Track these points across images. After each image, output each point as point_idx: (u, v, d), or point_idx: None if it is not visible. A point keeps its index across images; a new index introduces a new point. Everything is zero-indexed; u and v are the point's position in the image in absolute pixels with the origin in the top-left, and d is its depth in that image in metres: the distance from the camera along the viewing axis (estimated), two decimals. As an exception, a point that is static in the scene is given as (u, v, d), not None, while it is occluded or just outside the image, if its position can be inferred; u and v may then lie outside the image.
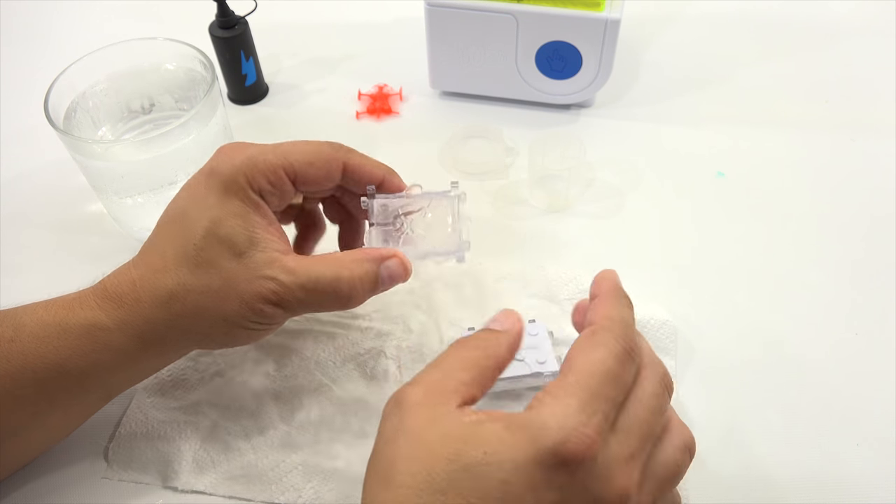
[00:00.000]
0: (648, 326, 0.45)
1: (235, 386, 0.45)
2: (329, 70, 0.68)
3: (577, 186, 0.56)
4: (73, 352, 0.37)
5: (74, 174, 0.53)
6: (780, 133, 0.60)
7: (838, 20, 0.71)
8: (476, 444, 0.29)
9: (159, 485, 0.41)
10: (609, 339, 0.32)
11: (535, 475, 0.28)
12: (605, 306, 0.34)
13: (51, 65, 0.51)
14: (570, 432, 0.28)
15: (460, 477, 0.28)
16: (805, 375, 0.45)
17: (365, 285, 0.38)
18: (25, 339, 0.36)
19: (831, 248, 0.52)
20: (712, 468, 0.41)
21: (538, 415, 0.29)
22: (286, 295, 0.37)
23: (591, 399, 0.30)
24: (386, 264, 0.39)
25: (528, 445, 0.28)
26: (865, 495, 0.40)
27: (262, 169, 0.38)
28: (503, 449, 0.29)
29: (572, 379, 0.30)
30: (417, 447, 0.29)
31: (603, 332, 0.32)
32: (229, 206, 0.38)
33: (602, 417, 0.29)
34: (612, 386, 0.30)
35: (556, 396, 0.30)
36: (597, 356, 0.31)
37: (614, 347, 0.31)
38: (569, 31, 0.56)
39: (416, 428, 0.30)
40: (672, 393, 0.34)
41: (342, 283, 0.38)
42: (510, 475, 0.28)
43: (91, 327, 0.37)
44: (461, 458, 0.29)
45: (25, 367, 0.36)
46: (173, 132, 0.47)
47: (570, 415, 0.29)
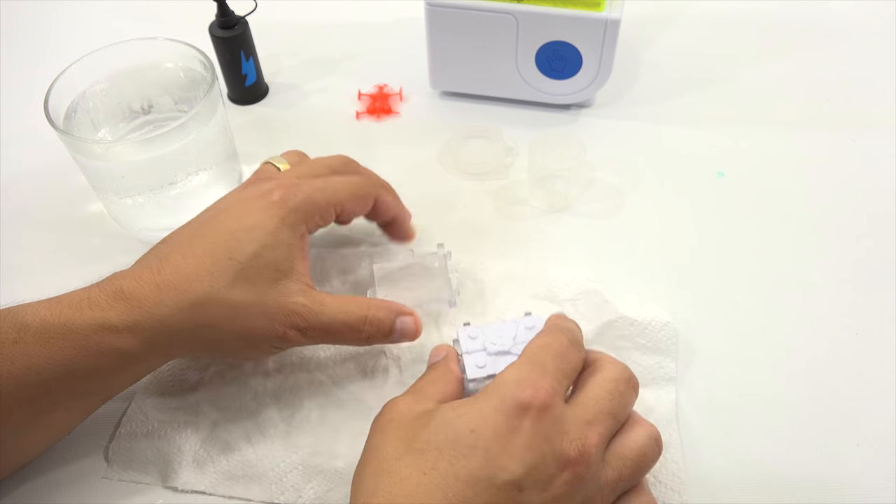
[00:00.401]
0: (650, 328, 0.45)
1: (235, 386, 0.45)
2: (329, 70, 0.68)
3: (577, 186, 0.56)
4: (79, 352, 0.36)
5: (74, 174, 0.53)
6: (780, 133, 0.60)
7: (838, 20, 0.71)
8: (447, 406, 0.34)
9: (159, 485, 0.41)
10: (554, 331, 0.38)
11: (498, 421, 0.32)
12: (552, 318, 0.40)
13: (51, 65, 0.51)
14: (525, 383, 0.34)
15: (433, 433, 0.33)
16: (805, 375, 0.45)
17: (382, 331, 0.42)
18: (29, 339, 0.36)
19: (831, 247, 0.52)
20: (712, 468, 0.41)
21: (497, 379, 0.35)
22: (314, 323, 0.40)
23: (542, 365, 0.35)
24: (402, 318, 0.42)
25: (493, 398, 0.33)
26: (865, 495, 0.40)
27: (318, 208, 0.43)
28: (468, 404, 0.34)
29: (525, 356, 0.36)
30: (403, 427, 0.34)
31: (550, 328, 0.39)
32: (282, 235, 0.41)
33: (553, 379, 0.34)
34: (559, 360, 0.36)
35: (511, 365, 0.36)
36: (543, 340, 0.37)
37: (558, 336, 0.38)
38: (569, 31, 0.56)
39: (403, 415, 0.35)
40: (637, 392, 0.38)
41: (367, 325, 0.41)
42: (476, 423, 0.32)
43: (99, 328, 0.37)
44: (434, 419, 0.34)
45: (29, 368, 0.36)
46: (173, 132, 0.47)
47: (524, 373, 0.34)
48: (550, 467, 0.32)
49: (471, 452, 0.32)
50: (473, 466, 0.31)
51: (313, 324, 0.40)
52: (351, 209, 0.45)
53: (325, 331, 0.40)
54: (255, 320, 0.39)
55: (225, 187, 0.55)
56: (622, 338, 0.46)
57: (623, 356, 0.45)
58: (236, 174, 0.56)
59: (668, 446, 0.41)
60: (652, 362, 0.45)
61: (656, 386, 0.44)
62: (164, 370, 0.45)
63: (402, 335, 0.42)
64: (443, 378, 0.38)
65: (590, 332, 0.46)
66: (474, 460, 0.32)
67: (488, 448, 0.32)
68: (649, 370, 0.45)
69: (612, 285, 0.48)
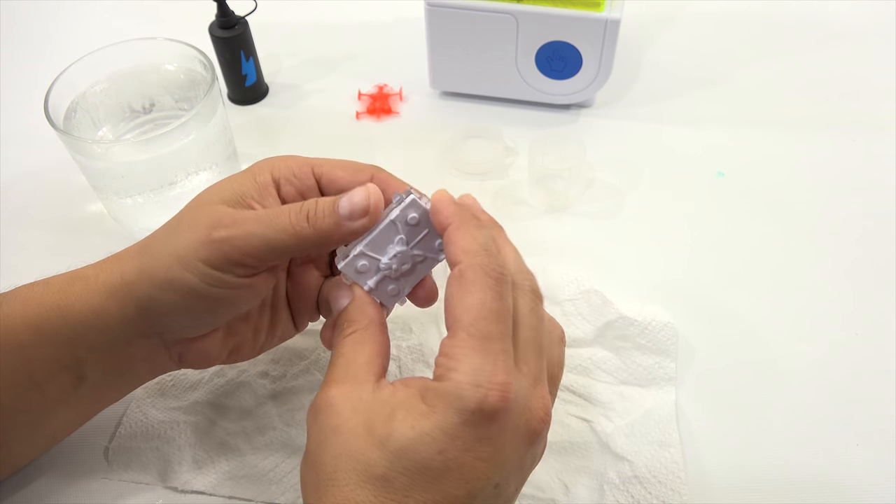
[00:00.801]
0: (650, 328, 0.45)
1: (235, 386, 0.45)
2: (329, 70, 0.68)
3: (577, 186, 0.56)
4: (51, 309, 0.36)
5: (74, 174, 0.53)
6: (780, 133, 0.60)
7: (838, 20, 0.71)
8: (401, 420, 0.30)
9: (159, 485, 0.41)
10: (478, 275, 0.32)
11: (467, 437, 0.30)
12: (459, 239, 0.33)
13: (51, 65, 0.51)
14: (487, 388, 0.30)
15: (398, 458, 0.29)
16: (805, 375, 0.45)
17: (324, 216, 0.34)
18: (13, 301, 0.36)
19: (831, 247, 0.52)
20: (712, 468, 0.41)
21: (450, 381, 0.30)
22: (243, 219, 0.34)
23: (487, 344, 0.30)
24: (347, 194, 0.35)
25: (452, 413, 0.30)
26: (865, 495, 0.40)
27: (288, 163, 0.38)
28: (427, 420, 0.30)
29: (463, 334, 0.31)
30: (349, 441, 0.30)
31: (469, 270, 0.32)
32: (235, 177, 0.38)
33: (504, 357, 0.31)
34: (499, 321, 0.31)
35: (456, 359, 0.30)
36: (474, 300, 0.31)
37: (486, 281, 0.31)
38: (569, 31, 0.56)
39: (342, 423, 0.31)
40: (542, 301, 0.34)
41: (299, 207, 0.35)
42: (444, 444, 0.29)
43: (72, 278, 0.37)
44: (392, 439, 0.30)
45: (7, 329, 0.35)
46: (173, 132, 0.47)
47: (478, 370, 0.30)
48: (521, 450, 0.31)
49: (444, 475, 0.29)
50: (450, 487, 0.30)
51: (239, 220, 0.34)
52: (333, 172, 0.39)
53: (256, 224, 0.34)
54: (182, 234, 0.35)
55: (225, 187, 0.55)
56: (622, 338, 0.46)
57: (623, 356, 0.45)
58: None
59: (668, 446, 0.41)
60: (652, 362, 0.45)
61: (656, 386, 0.44)
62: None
63: (353, 209, 0.34)
64: (364, 341, 0.34)
65: (590, 332, 0.46)
66: (450, 482, 0.30)
67: (462, 465, 0.30)
68: (649, 370, 0.45)
69: (612, 285, 0.48)
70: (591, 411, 0.43)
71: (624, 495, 0.40)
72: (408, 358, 0.46)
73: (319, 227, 0.34)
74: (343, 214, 0.34)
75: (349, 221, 0.34)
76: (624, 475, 0.40)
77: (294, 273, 0.41)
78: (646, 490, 0.40)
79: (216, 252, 0.34)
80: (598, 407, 0.44)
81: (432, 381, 0.31)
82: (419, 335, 0.47)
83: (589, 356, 0.45)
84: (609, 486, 0.40)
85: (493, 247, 0.33)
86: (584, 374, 0.45)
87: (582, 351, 0.46)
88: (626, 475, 0.40)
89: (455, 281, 0.32)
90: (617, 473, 0.40)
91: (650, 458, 0.41)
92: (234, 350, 0.40)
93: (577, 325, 0.46)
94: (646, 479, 0.40)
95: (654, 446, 0.41)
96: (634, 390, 0.44)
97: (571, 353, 0.46)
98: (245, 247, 0.34)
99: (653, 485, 0.40)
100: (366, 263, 0.36)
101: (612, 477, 0.40)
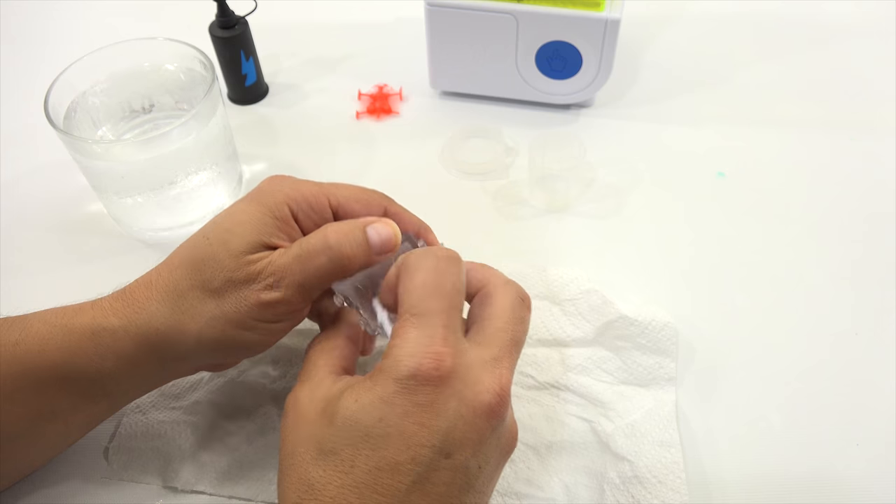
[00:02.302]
0: (650, 328, 0.45)
1: (235, 386, 0.45)
2: (329, 70, 0.68)
3: (577, 186, 0.56)
4: (76, 354, 0.36)
5: (74, 174, 0.53)
6: (780, 133, 0.60)
7: (838, 20, 0.71)
8: (347, 397, 0.32)
9: (159, 485, 0.41)
10: (417, 257, 0.34)
11: (404, 402, 0.31)
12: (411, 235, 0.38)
13: (51, 65, 0.51)
14: (420, 356, 0.31)
15: (343, 431, 0.31)
16: (805, 375, 0.45)
17: (355, 247, 0.37)
18: (30, 340, 0.36)
19: (831, 247, 0.52)
20: (712, 468, 0.41)
21: (389, 354, 0.32)
22: (282, 271, 0.36)
23: (426, 320, 0.32)
24: (374, 226, 0.37)
25: (390, 380, 0.31)
26: (865, 495, 0.40)
27: (304, 193, 0.39)
28: (370, 391, 0.32)
29: (406, 315, 0.33)
30: (304, 427, 0.33)
31: (410, 256, 0.35)
32: (255, 213, 0.38)
33: (444, 330, 0.32)
34: (440, 297, 0.33)
35: (398, 336, 0.32)
36: (415, 281, 0.33)
37: (426, 264, 0.34)
38: (569, 31, 0.56)
39: (301, 414, 0.33)
40: (529, 304, 0.37)
41: (332, 244, 0.37)
42: (383, 410, 0.31)
43: (98, 328, 0.36)
44: (338, 415, 0.32)
45: (26, 369, 0.36)
46: (173, 132, 0.47)
47: (413, 341, 0.32)
48: (474, 423, 0.32)
49: (385, 441, 0.31)
50: (392, 453, 0.30)
51: (282, 272, 0.36)
52: (349, 206, 0.40)
53: (298, 274, 0.36)
54: (225, 295, 0.36)
55: (225, 187, 0.55)
56: (622, 338, 0.46)
57: (623, 356, 0.45)
58: (236, 174, 0.56)
59: (668, 446, 0.41)
60: (652, 362, 0.45)
61: (656, 386, 0.44)
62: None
63: (383, 243, 0.37)
64: (329, 345, 0.37)
65: (590, 332, 0.46)
66: (392, 447, 0.31)
67: (402, 431, 0.31)
68: (649, 370, 0.45)
69: (612, 285, 0.48)
70: (591, 411, 0.43)
71: (624, 495, 0.40)
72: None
73: (353, 259, 0.37)
74: (374, 249, 0.37)
75: (377, 256, 0.37)
76: (624, 475, 0.40)
77: None
78: (646, 490, 0.40)
79: (270, 311, 0.37)
80: (598, 407, 0.44)
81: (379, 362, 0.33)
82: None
83: (589, 356, 0.45)
84: (609, 486, 0.40)
85: (451, 257, 0.35)
86: (584, 374, 0.45)
87: (582, 351, 0.46)
88: (627, 475, 0.40)
89: (402, 270, 0.34)
90: (617, 473, 0.40)
91: (650, 458, 0.41)
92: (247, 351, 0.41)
93: (577, 325, 0.46)
94: (646, 479, 0.40)
95: (655, 446, 0.41)
96: (635, 390, 0.44)
97: (572, 353, 0.46)
98: (295, 301, 0.37)
99: (653, 485, 0.40)
100: (361, 289, 0.38)
101: (613, 477, 0.40)
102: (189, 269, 0.37)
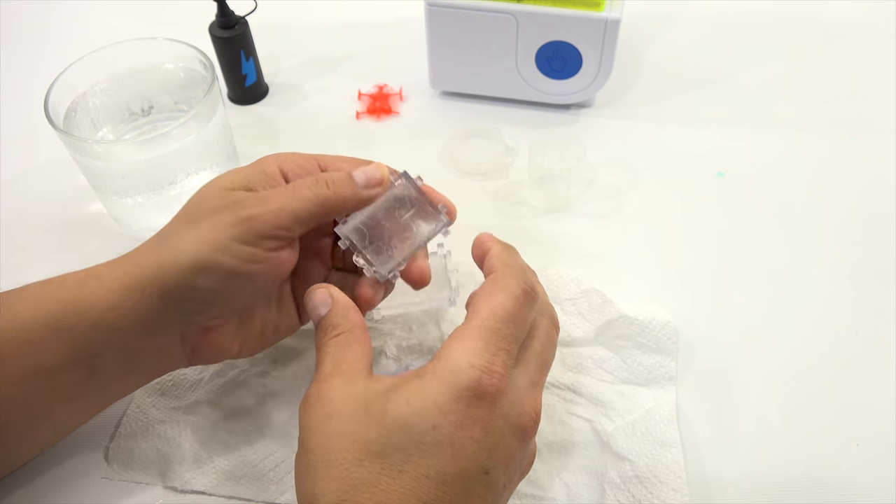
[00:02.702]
0: (650, 327, 0.45)
1: (235, 386, 0.45)
2: (329, 70, 0.68)
3: (577, 186, 0.56)
4: (65, 303, 0.36)
5: (74, 174, 0.53)
6: (780, 133, 0.60)
7: (838, 20, 0.71)
8: (397, 398, 0.32)
9: (159, 485, 0.41)
10: (510, 283, 0.35)
11: (459, 414, 0.31)
12: (501, 255, 0.37)
13: (51, 65, 0.51)
14: (482, 370, 0.32)
15: (393, 433, 0.31)
16: (805, 375, 0.45)
17: (339, 181, 0.38)
18: (25, 298, 0.37)
19: (831, 247, 0.52)
20: (712, 468, 0.41)
21: (448, 359, 0.32)
22: (264, 197, 0.37)
23: (495, 338, 0.33)
24: (360, 167, 0.39)
25: (447, 388, 0.31)
26: (865, 495, 0.40)
27: (295, 158, 0.41)
28: (424, 395, 0.31)
29: (476, 322, 0.33)
30: (343, 424, 0.32)
31: (504, 277, 0.35)
32: (247, 169, 0.40)
33: (506, 355, 0.33)
34: (513, 326, 0.34)
35: (462, 340, 0.33)
36: (499, 300, 0.34)
37: (515, 290, 0.35)
38: (569, 31, 0.56)
39: (336, 409, 0.32)
40: (559, 331, 0.38)
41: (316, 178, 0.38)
42: (437, 419, 0.31)
43: (86, 276, 0.37)
44: (389, 415, 0.31)
45: (15, 322, 0.36)
46: (173, 132, 0.47)
47: (478, 354, 0.32)
48: (511, 443, 0.32)
49: (437, 450, 0.31)
50: (442, 463, 0.31)
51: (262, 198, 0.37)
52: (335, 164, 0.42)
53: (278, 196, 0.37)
54: (203, 220, 0.37)
55: (225, 187, 0.55)
56: (622, 337, 0.46)
57: (623, 355, 0.45)
58: (236, 174, 0.56)
59: (669, 446, 0.41)
60: (652, 361, 0.45)
61: (657, 385, 0.44)
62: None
63: (368, 178, 0.39)
64: (349, 342, 0.35)
65: (590, 332, 0.46)
66: (442, 457, 0.31)
67: (453, 442, 0.31)
68: (649, 369, 0.45)
69: (612, 285, 0.48)
70: (592, 411, 0.43)
71: (625, 495, 0.40)
72: (407, 358, 0.46)
73: (339, 192, 0.38)
74: (359, 183, 0.38)
75: (365, 189, 0.38)
76: (625, 475, 0.40)
77: (299, 267, 0.41)
78: (647, 490, 0.40)
79: (247, 229, 0.36)
80: (598, 406, 0.44)
81: (430, 363, 0.33)
82: (419, 334, 0.47)
83: (589, 355, 0.45)
84: (610, 486, 0.40)
85: (528, 270, 0.37)
86: (584, 374, 0.45)
87: (582, 350, 0.46)
88: (627, 475, 0.40)
89: (489, 282, 0.35)
90: (618, 473, 0.40)
91: (651, 458, 0.41)
92: (244, 342, 0.41)
93: (577, 325, 0.46)
94: (647, 478, 0.40)
95: (655, 446, 0.41)
96: (635, 389, 0.44)
97: (572, 353, 0.46)
98: (274, 220, 0.36)
99: (654, 484, 0.40)
100: (364, 231, 0.39)
101: (613, 476, 0.40)
102: (178, 219, 0.38)
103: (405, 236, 0.40)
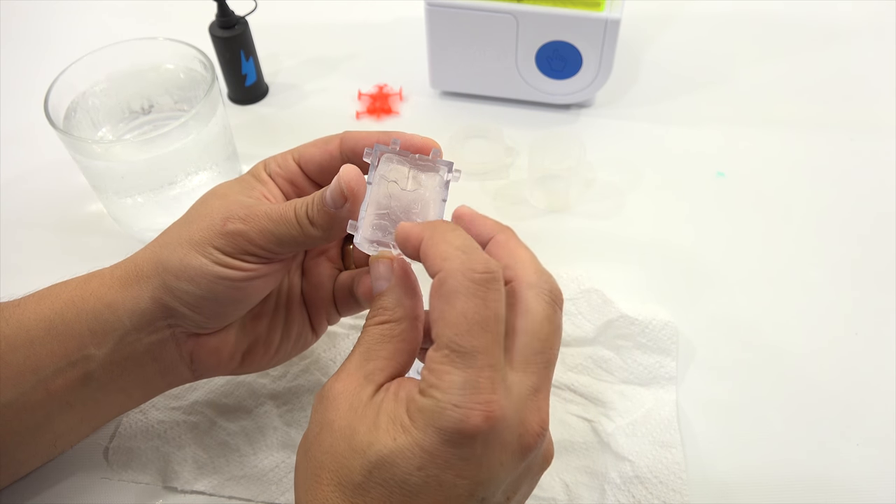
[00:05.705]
0: (650, 327, 0.45)
1: (235, 386, 0.45)
2: (329, 70, 0.68)
3: (577, 186, 0.56)
4: (65, 303, 0.37)
5: (74, 174, 0.53)
6: (780, 133, 0.60)
7: (838, 20, 0.71)
8: (384, 431, 0.29)
9: (159, 485, 0.41)
10: (459, 281, 0.29)
11: (448, 455, 0.28)
12: (433, 247, 0.31)
13: (51, 65, 0.51)
14: (467, 408, 0.28)
15: (376, 468, 0.29)
16: (805, 375, 0.45)
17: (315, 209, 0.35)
18: (29, 301, 0.37)
19: (831, 247, 0.52)
20: (712, 468, 0.41)
21: (430, 399, 0.29)
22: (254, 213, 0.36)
23: (471, 361, 0.28)
24: (328, 187, 0.35)
25: (433, 431, 0.28)
26: (865, 495, 0.40)
27: (276, 157, 0.41)
28: (409, 437, 0.29)
29: (445, 350, 0.29)
30: (336, 441, 0.30)
31: (449, 277, 0.29)
32: (244, 177, 0.40)
33: (490, 371, 0.29)
34: (484, 331, 0.29)
35: (438, 375, 0.29)
36: (455, 311, 0.29)
37: (468, 288, 0.29)
38: (569, 31, 0.56)
39: (336, 419, 0.31)
40: (562, 305, 0.32)
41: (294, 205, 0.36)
42: (423, 460, 0.28)
43: (89, 276, 0.38)
44: (372, 449, 0.29)
45: (21, 325, 0.36)
46: (173, 132, 0.47)
47: (458, 388, 0.28)
48: (512, 466, 0.30)
49: (423, 490, 0.29)
50: (426, 502, 0.29)
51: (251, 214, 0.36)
52: (306, 151, 0.41)
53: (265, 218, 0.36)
54: (196, 222, 0.37)
55: (225, 187, 0.55)
56: (622, 337, 0.46)
57: (623, 355, 0.45)
58: (236, 174, 0.56)
59: (669, 446, 0.41)
60: (652, 361, 0.45)
61: (657, 385, 0.44)
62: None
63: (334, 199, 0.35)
64: (393, 336, 0.33)
65: (590, 331, 0.46)
66: (428, 498, 0.29)
67: (441, 482, 0.29)
68: (650, 369, 0.45)
69: (612, 285, 0.48)
70: (592, 411, 0.43)
71: (625, 495, 0.40)
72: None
73: (318, 222, 0.35)
74: (329, 205, 0.35)
75: (338, 210, 0.35)
76: (625, 475, 0.40)
77: (307, 267, 0.41)
78: (647, 490, 0.40)
79: (229, 242, 0.36)
80: (599, 406, 0.44)
81: (417, 393, 0.30)
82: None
83: (590, 355, 0.45)
84: (610, 486, 0.40)
85: (471, 245, 0.31)
86: (584, 374, 0.45)
87: (583, 350, 0.46)
88: (628, 475, 0.40)
89: (435, 291, 0.30)
90: (618, 473, 0.40)
91: (651, 458, 0.41)
92: (249, 351, 0.40)
93: (577, 325, 0.46)
94: (647, 479, 0.40)
95: (656, 446, 0.41)
96: (635, 389, 0.44)
97: (572, 353, 0.46)
98: (258, 240, 0.36)
99: (654, 485, 0.40)
100: (380, 224, 0.35)
101: (614, 477, 0.40)
102: (180, 220, 0.38)
103: (421, 202, 0.36)
